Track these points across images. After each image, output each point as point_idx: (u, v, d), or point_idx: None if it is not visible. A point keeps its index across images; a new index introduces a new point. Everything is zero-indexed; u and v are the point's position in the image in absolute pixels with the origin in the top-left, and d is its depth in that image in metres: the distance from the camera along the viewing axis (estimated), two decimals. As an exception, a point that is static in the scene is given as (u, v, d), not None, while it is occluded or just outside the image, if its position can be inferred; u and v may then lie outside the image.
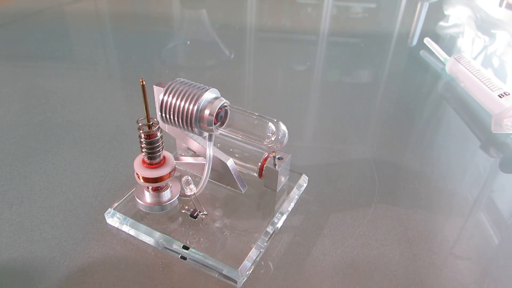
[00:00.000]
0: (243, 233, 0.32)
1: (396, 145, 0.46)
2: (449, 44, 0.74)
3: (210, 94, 0.30)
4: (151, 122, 0.29)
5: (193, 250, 0.30)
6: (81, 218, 0.34)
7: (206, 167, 0.33)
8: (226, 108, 0.30)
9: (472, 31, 0.81)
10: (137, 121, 0.29)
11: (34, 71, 0.58)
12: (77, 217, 0.34)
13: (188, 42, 0.73)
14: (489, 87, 0.50)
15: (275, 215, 0.34)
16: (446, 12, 0.89)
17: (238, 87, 0.58)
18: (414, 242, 0.33)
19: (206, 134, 0.32)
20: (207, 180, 0.33)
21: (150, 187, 0.32)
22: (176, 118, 0.30)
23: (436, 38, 0.70)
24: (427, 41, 0.67)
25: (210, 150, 0.33)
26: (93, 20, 0.79)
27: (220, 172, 0.34)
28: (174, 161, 0.32)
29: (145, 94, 0.27)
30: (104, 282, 0.29)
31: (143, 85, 0.27)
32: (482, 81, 0.52)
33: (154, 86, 0.32)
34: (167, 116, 0.30)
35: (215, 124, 0.30)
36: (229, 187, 0.35)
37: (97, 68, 0.60)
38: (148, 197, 0.33)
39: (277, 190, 0.36)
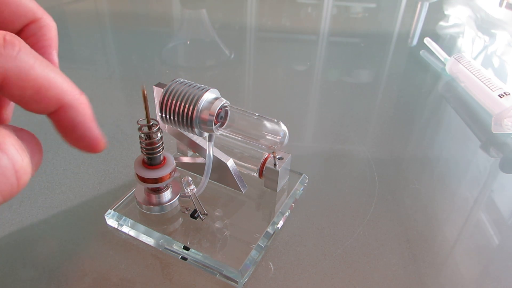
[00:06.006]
0: (244, 234, 0.32)
1: (396, 145, 0.46)
2: (449, 44, 0.74)
3: (210, 95, 0.30)
4: (151, 123, 0.29)
5: (193, 250, 0.30)
6: (81, 218, 0.34)
7: (206, 168, 0.33)
8: (226, 108, 0.30)
9: (472, 31, 0.81)
10: (137, 122, 0.29)
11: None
12: (77, 217, 0.34)
13: (188, 42, 0.73)
14: (489, 87, 0.50)
15: (275, 215, 0.34)
16: (446, 12, 0.89)
17: (238, 87, 0.58)
18: (414, 242, 0.33)
19: (206, 134, 0.32)
20: (207, 180, 0.33)
21: (150, 188, 0.32)
22: (176, 119, 0.30)
23: (436, 38, 0.70)
24: (427, 41, 0.67)
25: (210, 151, 0.33)
26: (93, 20, 0.79)
27: (220, 173, 0.34)
28: (174, 162, 0.32)
29: (145, 96, 0.27)
30: (104, 282, 0.29)
31: (144, 93, 0.27)
32: (482, 81, 0.52)
33: (154, 86, 0.32)
34: (167, 116, 0.30)
35: (215, 124, 0.30)
36: (229, 187, 0.35)
37: (97, 68, 0.60)
38: (148, 197, 0.33)
39: (278, 190, 0.36)
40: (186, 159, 0.37)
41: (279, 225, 0.34)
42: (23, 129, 0.19)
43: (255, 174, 0.36)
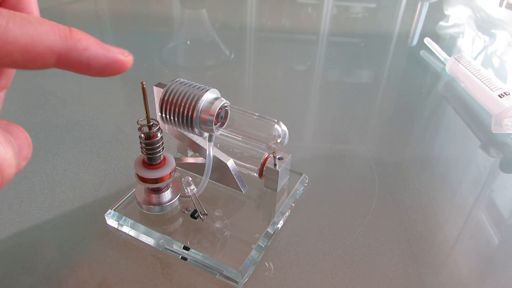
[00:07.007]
0: (244, 234, 0.32)
1: (396, 145, 0.46)
2: (449, 44, 0.74)
3: (210, 95, 0.30)
4: (152, 123, 0.29)
5: (193, 250, 0.30)
6: (81, 218, 0.34)
7: (206, 168, 0.33)
8: (227, 108, 0.30)
9: (472, 31, 0.81)
10: (137, 122, 0.29)
11: (34, 71, 0.58)
12: (77, 217, 0.34)
13: (188, 42, 0.73)
14: (489, 87, 0.50)
15: (275, 215, 0.34)
16: (446, 12, 0.89)
17: (238, 87, 0.58)
18: (414, 242, 0.33)
19: (206, 134, 0.32)
20: (207, 180, 0.33)
21: (150, 188, 0.32)
22: (176, 119, 0.30)
23: (436, 38, 0.70)
24: (427, 41, 0.67)
25: (210, 151, 0.33)
26: (93, 20, 0.79)
27: (220, 173, 0.34)
28: (174, 162, 0.32)
29: (145, 95, 0.27)
30: (104, 282, 0.29)
31: (143, 88, 0.27)
32: (482, 81, 0.52)
33: (154, 86, 0.32)
34: (167, 116, 0.30)
35: (215, 124, 0.30)
36: (229, 187, 0.35)
37: (97, 68, 0.60)
38: (148, 197, 0.33)
39: (278, 190, 0.36)
40: (186, 159, 0.37)
41: (279, 225, 0.34)
42: (11, 122, 0.18)
43: (255, 174, 0.36)
